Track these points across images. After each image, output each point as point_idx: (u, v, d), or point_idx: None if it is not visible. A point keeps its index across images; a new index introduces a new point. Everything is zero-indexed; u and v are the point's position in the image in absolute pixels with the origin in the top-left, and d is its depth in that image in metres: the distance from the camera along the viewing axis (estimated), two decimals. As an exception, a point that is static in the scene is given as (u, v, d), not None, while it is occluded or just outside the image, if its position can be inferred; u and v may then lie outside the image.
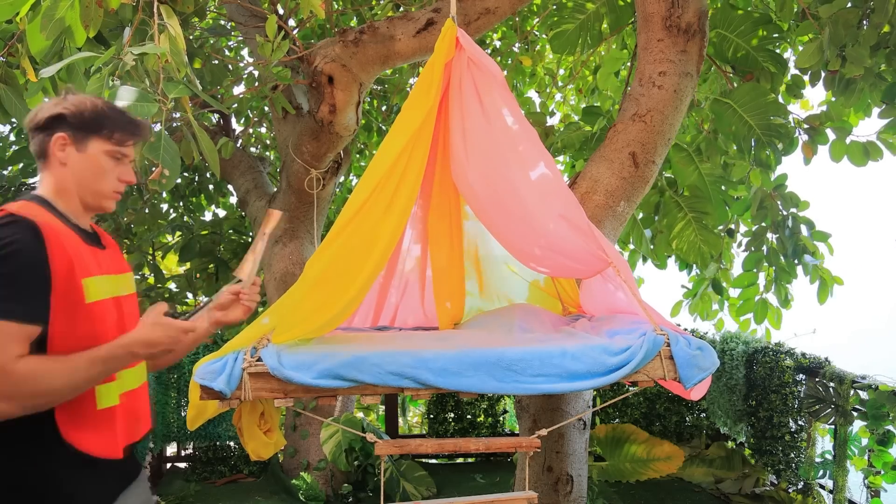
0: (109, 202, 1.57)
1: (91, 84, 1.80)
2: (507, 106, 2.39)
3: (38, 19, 1.80)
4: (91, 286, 1.44)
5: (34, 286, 1.35)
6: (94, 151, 1.51)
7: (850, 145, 3.94)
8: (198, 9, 3.52)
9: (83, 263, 1.44)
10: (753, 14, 3.73)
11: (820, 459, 4.15)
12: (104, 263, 1.53)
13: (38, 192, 1.52)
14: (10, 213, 1.38)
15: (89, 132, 1.50)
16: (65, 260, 1.39)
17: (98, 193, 1.54)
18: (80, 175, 1.51)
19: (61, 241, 1.40)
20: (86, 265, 1.45)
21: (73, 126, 1.49)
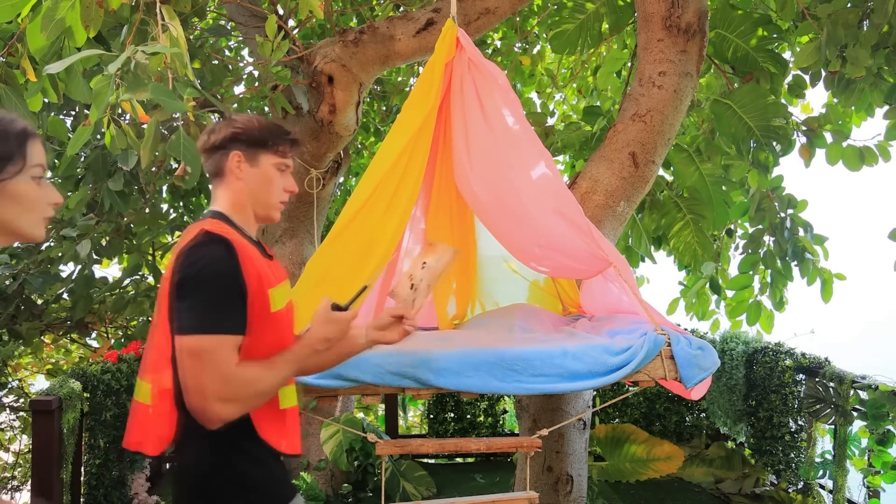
0: (276, 212, 1.66)
1: (95, 83, 1.80)
2: (508, 106, 2.39)
3: (38, 19, 1.80)
4: (275, 296, 1.54)
5: (235, 300, 1.46)
6: (264, 165, 1.61)
7: (847, 149, 3.96)
8: (198, 9, 3.52)
9: (266, 276, 1.54)
10: (753, 14, 3.73)
11: (820, 459, 4.15)
12: (275, 273, 1.61)
13: (215, 207, 1.61)
14: (208, 232, 1.48)
15: (259, 147, 1.60)
16: (254, 273, 1.49)
17: (268, 204, 1.64)
18: (254, 188, 1.61)
19: (249, 256, 1.50)
20: (268, 277, 1.55)
21: (246, 143, 1.59)
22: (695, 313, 4.99)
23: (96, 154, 4.15)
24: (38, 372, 6.48)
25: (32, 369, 6.50)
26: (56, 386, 3.23)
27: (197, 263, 1.43)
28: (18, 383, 6.18)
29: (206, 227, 1.50)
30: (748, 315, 4.65)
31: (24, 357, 6.28)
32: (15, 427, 5.78)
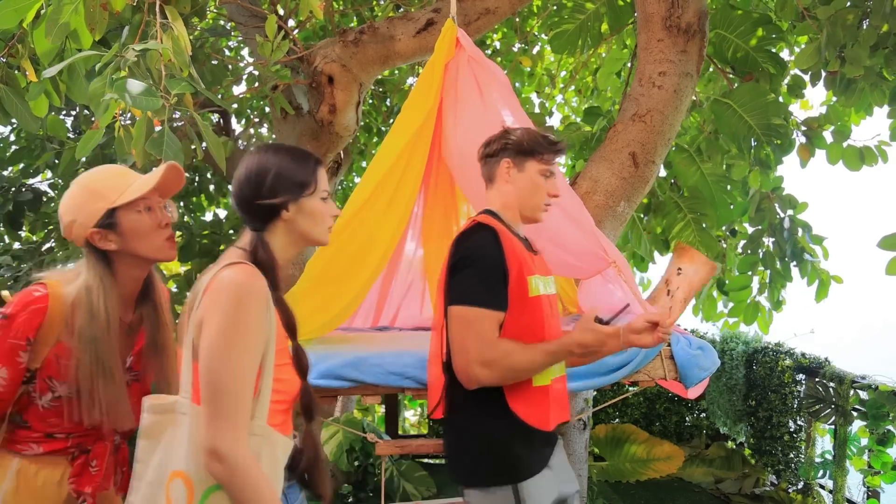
0: (540, 213, 1.84)
1: (94, 84, 1.80)
2: (508, 106, 2.39)
3: (42, 24, 1.80)
4: (533, 283, 1.72)
5: (498, 280, 1.67)
6: (530, 171, 1.80)
7: (847, 149, 3.96)
8: (198, 9, 3.52)
9: (527, 264, 1.73)
10: (753, 14, 3.74)
11: (820, 459, 4.15)
12: (537, 265, 1.81)
13: (487, 207, 1.85)
14: (479, 223, 1.74)
15: (526, 155, 1.80)
16: (515, 260, 1.70)
17: (532, 206, 1.82)
18: (521, 191, 1.81)
19: (512, 245, 1.72)
20: (528, 265, 1.74)
21: (515, 151, 1.81)
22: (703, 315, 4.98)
23: (96, 153, 4.15)
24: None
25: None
26: (56, 386, 3.23)
27: (469, 247, 1.69)
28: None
29: (478, 219, 1.76)
30: (746, 315, 4.65)
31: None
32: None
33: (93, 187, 1.45)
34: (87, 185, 1.46)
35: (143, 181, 1.46)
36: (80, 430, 1.44)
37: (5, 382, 1.36)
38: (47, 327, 1.38)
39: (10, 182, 4.78)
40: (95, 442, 1.46)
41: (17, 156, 4.82)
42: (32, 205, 4.72)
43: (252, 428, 1.26)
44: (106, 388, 1.38)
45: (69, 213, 1.45)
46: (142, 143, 1.77)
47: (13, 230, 4.71)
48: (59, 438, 1.43)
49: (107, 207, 1.42)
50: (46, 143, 4.76)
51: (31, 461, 1.41)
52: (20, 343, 1.37)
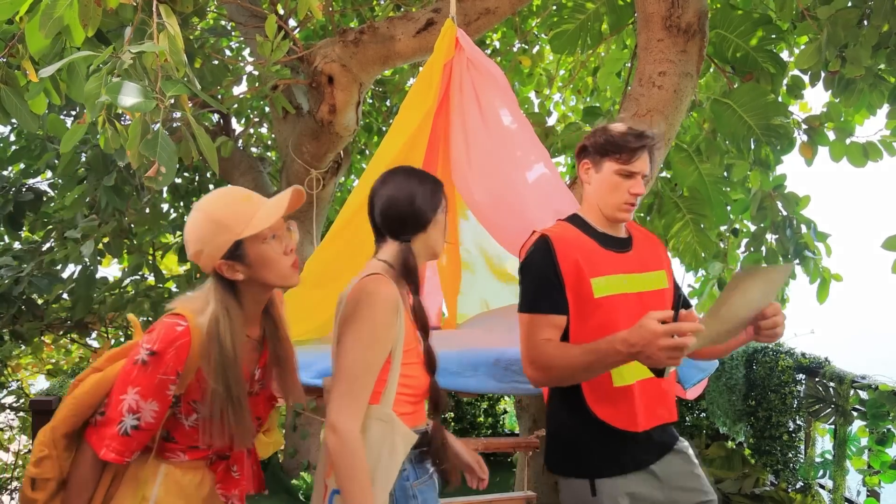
0: (621, 213, 1.82)
1: (90, 83, 1.79)
2: (507, 106, 2.39)
3: (36, 18, 1.80)
4: (599, 284, 1.74)
5: (549, 286, 1.74)
6: (607, 172, 1.80)
7: (850, 146, 3.94)
8: (198, 9, 3.52)
9: (592, 265, 1.75)
10: (753, 14, 3.73)
11: (820, 459, 4.14)
12: (625, 264, 1.81)
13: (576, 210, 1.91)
14: (535, 232, 1.83)
15: (603, 156, 1.81)
16: (571, 263, 1.74)
17: (611, 205, 1.81)
18: (599, 191, 1.82)
19: (569, 249, 1.76)
20: (595, 266, 1.75)
21: (592, 153, 1.83)
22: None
23: (96, 153, 4.15)
24: (39, 372, 6.49)
25: (33, 369, 6.50)
26: (56, 386, 3.23)
27: (524, 256, 1.81)
28: (18, 383, 6.18)
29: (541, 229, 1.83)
30: (747, 314, 4.64)
31: (25, 357, 6.28)
32: (14, 427, 5.78)
33: (218, 218, 1.44)
34: (212, 215, 1.45)
35: (269, 211, 1.45)
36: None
37: (155, 415, 1.43)
38: (191, 359, 1.44)
39: (10, 182, 4.78)
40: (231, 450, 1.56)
41: (17, 156, 4.82)
42: (32, 205, 4.73)
43: (377, 413, 1.49)
44: (234, 416, 1.45)
45: (196, 243, 1.45)
46: (136, 145, 1.77)
47: (13, 230, 4.71)
48: (201, 449, 1.54)
49: (234, 240, 1.43)
50: (47, 144, 4.76)
51: (176, 466, 1.52)
52: (170, 378, 1.43)
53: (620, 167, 1.79)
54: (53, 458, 1.46)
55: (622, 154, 1.78)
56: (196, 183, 5.89)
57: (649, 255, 1.89)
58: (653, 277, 1.85)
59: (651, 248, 1.92)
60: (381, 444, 1.48)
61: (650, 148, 1.81)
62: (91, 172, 4.14)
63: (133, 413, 1.41)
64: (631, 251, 1.86)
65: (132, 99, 1.70)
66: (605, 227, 1.85)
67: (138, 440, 1.44)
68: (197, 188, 5.91)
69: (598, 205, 1.83)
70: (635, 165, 1.79)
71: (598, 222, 1.86)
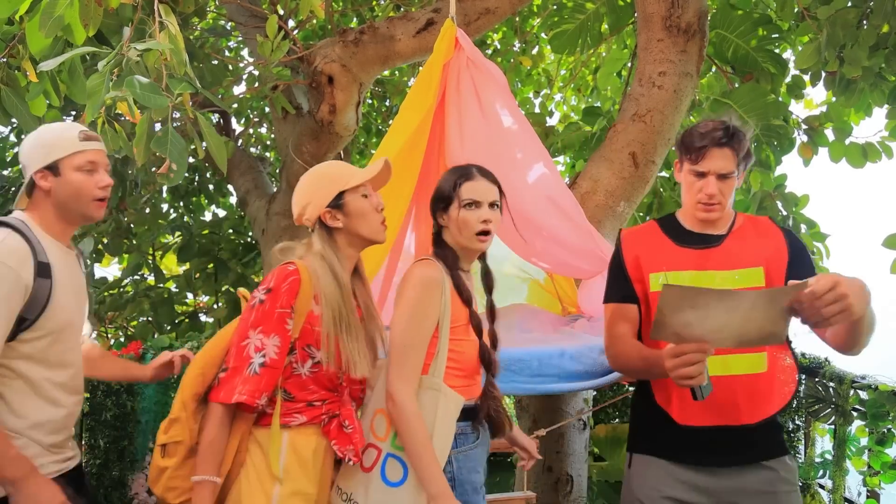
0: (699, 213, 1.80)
1: (92, 80, 1.79)
2: (506, 106, 2.39)
3: (37, 17, 1.80)
4: (656, 279, 1.77)
5: (619, 278, 1.85)
6: (685, 171, 1.81)
7: (849, 147, 3.95)
8: (198, 9, 3.52)
9: (654, 260, 1.80)
10: (753, 14, 3.73)
11: (819, 459, 4.14)
12: (702, 261, 1.79)
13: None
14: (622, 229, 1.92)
15: (682, 155, 1.81)
16: (632, 258, 1.83)
17: (688, 206, 1.82)
18: (683, 192, 1.84)
19: (634, 244, 1.85)
20: (657, 261, 1.80)
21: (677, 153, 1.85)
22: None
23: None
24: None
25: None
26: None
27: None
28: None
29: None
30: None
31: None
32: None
33: (325, 173, 1.69)
34: (321, 173, 1.69)
35: (368, 169, 1.69)
36: (332, 397, 1.65)
37: (278, 349, 1.54)
38: (301, 298, 1.57)
39: (10, 182, 4.77)
40: (341, 407, 1.66)
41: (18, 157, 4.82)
42: (32, 205, 4.72)
43: (429, 382, 1.63)
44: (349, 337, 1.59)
45: (305, 196, 1.67)
46: (143, 142, 1.78)
47: (13, 230, 4.70)
48: (316, 406, 1.63)
49: (338, 190, 1.64)
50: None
51: (296, 433, 1.60)
52: (286, 311, 1.55)
53: (690, 167, 1.78)
54: (183, 421, 1.56)
55: (690, 154, 1.77)
56: (196, 183, 5.89)
57: (744, 253, 1.79)
58: (740, 275, 1.77)
59: (753, 245, 1.81)
60: (433, 411, 1.61)
61: (723, 144, 1.73)
62: None
63: (259, 351, 1.51)
64: (716, 247, 1.79)
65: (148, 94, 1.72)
66: (695, 225, 1.83)
67: (266, 379, 1.52)
68: (197, 188, 5.91)
69: (686, 202, 1.83)
70: (703, 164, 1.74)
71: (689, 221, 1.85)
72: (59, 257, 1.66)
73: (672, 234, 1.84)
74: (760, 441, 1.76)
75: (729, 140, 1.73)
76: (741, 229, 1.84)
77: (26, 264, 1.55)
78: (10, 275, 1.52)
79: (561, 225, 2.31)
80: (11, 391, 1.59)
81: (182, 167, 1.80)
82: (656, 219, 1.94)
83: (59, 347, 1.65)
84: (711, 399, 1.63)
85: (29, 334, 1.58)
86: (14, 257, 1.53)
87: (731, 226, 1.84)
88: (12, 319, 1.53)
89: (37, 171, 1.64)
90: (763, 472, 1.75)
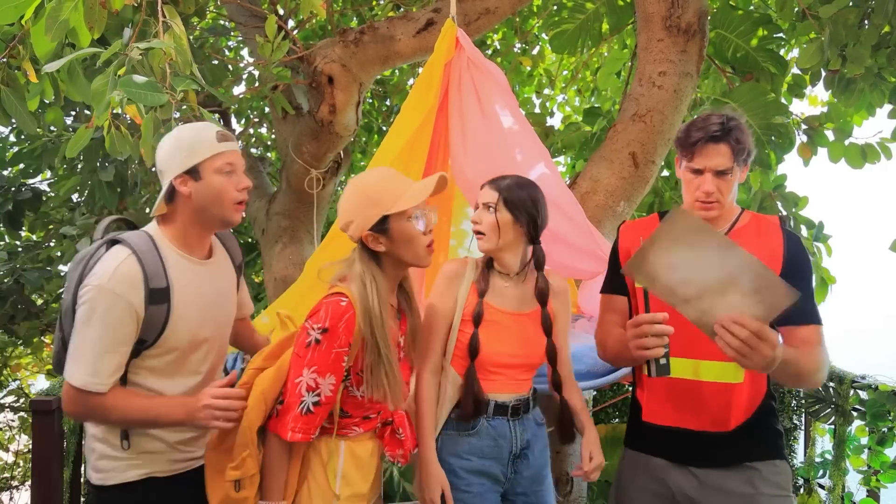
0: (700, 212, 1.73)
1: (96, 82, 1.79)
2: (507, 106, 2.39)
3: (42, 21, 1.80)
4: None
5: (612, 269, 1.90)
6: (683, 170, 1.76)
7: (849, 147, 3.95)
8: (198, 9, 3.52)
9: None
10: (753, 14, 3.73)
11: (819, 459, 4.14)
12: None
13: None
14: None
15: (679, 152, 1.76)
16: (626, 249, 1.83)
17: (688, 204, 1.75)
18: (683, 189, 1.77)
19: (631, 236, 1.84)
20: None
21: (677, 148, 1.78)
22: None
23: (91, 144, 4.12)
24: (39, 372, 6.48)
25: (32, 369, 6.49)
26: (56, 386, 3.23)
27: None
28: (18, 383, 6.18)
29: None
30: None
31: (25, 357, 6.27)
32: (14, 427, 5.77)
33: (370, 193, 1.62)
34: (366, 190, 1.63)
35: (416, 192, 1.62)
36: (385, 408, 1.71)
37: (333, 388, 1.57)
38: (356, 331, 1.59)
39: (10, 182, 4.77)
40: (394, 413, 1.74)
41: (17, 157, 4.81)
42: (32, 204, 4.72)
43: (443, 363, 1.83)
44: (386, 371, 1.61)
45: (347, 214, 1.63)
46: (150, 141, 1.77)
47: (13, 229, 4.70)
48: (372, 418, 1.70)
49: (381, 214, 1.59)
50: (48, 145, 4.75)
51: (353, 441, 1.67)
52: (343, 350, 1.57)
53: (686, 164, 1.71)
54: (253, 456, 1.59)
55: (685, 150, 1.70)
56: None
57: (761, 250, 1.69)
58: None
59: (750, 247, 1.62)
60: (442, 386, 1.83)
61: (718, 139, 1.64)
62: (84, 162, 4.08)
63: (312, 391, 1.54)
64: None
65: (145, 92, 1.70)
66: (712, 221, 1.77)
67: (320, 415, 1.57)
68: (197, 188, 5.89)
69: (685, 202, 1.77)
70: (698, 161, 1.67)
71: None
72: (186, 274, 1.64)
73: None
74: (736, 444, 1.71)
75: (725, 135, 1.64)
76: (743, 229, 1.77)
77: (137, 292, 1.53)
78: (119, 303, 1.51)
79: (561, 225, 2.31)
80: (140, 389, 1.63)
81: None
82: (659, 212, 1.94)
83: (185, 361, 1.66)
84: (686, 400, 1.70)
85: (152, 352, 1.60)
86: (124, 285, 1.52)
87: (732, 224, 1.77)
88: (127, 343, 1.54)
89: (176, 177, 1.59)
90: (746, 473, 1.72)
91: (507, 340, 1.83)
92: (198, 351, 1.68)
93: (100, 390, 1.51)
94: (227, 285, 1.78)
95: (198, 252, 1.69)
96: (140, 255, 1.55)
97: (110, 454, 1.62)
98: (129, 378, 1.59)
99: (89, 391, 1.51)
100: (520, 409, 1.87)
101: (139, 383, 1.61)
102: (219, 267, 1.76)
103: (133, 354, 1.58)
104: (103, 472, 1.62)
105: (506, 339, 1.83)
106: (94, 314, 1.50)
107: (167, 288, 1.58)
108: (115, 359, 1.53)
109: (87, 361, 1.50)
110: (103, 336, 1.50)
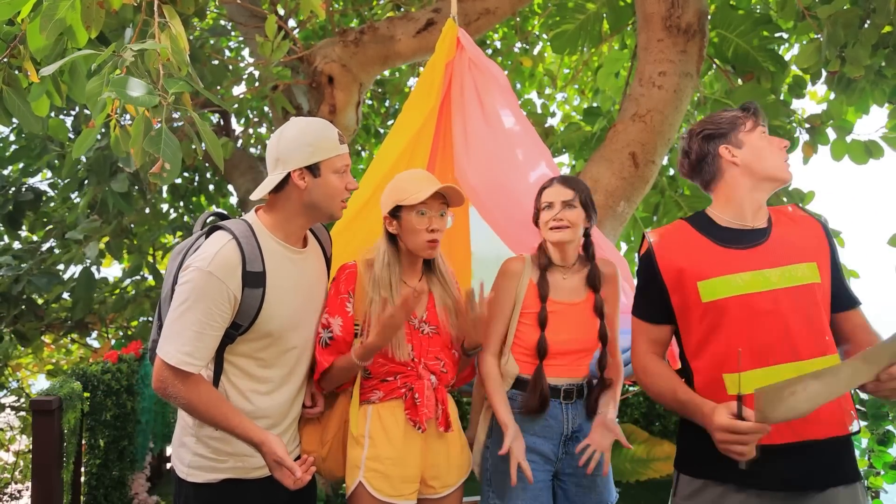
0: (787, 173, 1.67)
1: (91, 83, 1.79)
2: (508, 106, 2.39)
3: (37, 20, 1.79)
4: (707, 287, 1.58)
5: (649, 295, 1.71)
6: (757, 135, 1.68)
7: (852, 144, 3.94)
8: (198, 9, 3.52)
9: (700, 267, 1.60)
10: (753, 14, 3.73)
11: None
12: (751, 260, 1.59)
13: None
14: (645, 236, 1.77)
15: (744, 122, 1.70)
16: (672, 268, 1.64)
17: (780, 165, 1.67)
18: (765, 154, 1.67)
19: (671, 254, 1.66)
20: (702, 268, 1.60)
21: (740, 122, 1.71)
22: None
23: (98, 155, 4.14)
24: (39, 372, 6.48)
25: (33, 369, 6.49)
26: (56, 386, 3.23)
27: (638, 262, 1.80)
28: (18, 383, 6.18)
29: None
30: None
31: (25, 357, 6.27)
32: (15, 427, 5.78)
33: (396, 185, 1.89)
34: (395, 182, 1.91)
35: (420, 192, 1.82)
36: (405, 371, 1.85)
37: (341, 328, 1.80)
38: (360, 286, 1.85)
39: (10, 182, 4.77)
40: (416, 381, 1.85)
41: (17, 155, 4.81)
42: (32, 205, 4.72)
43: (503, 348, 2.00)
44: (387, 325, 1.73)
45: (382, 198, 1.91)
46: (140, 142, 1.76)
47: (13, 230, 4.71)
48: (390, 381, 1.85)
49: (395, 202, 1.85)
50: (48, 143, 4.76)
51: (377, 406, 1.86)
52: (345, 297, 1.84)
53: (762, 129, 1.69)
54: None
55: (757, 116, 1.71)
56: (196, 183, 5.89)
57: (792, 246, 1.61)
58: (793, 272, 1.57)
59: (799, 237, 1.64)
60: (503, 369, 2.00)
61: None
62: (92, 174, 4.13)
63: (326, 328, 1.82)
64: (764, 243, 1.61)
65: (136, 92, 1.70)
66: (734, 220, 1.65)
67: (332, 350, 1.81)
68: (197, 188, 5.91)
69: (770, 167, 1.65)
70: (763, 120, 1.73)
71: (728, 215, 1.66)
72: (281, 262, 1.70)
73: (710, 234, 1.64)
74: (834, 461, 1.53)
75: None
76: (780, 221, 1.67)
77: (235, 275, 1.60)
78: (218, 286, 1.57)
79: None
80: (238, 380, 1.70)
81: (175, 167, 1.78)
82: (684, 218, 1.75)
83: (277, 348, 1.73)
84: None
85: (246, 336, 1.67)
86: (224, 269, 1.58)
87: (768, 217, 1.67)
88: (222, 324, 1.60)
89: (296, 170, 1.67)
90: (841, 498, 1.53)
91: (564, 329, 1.96)
92: (291, 337, 1.74)
93: (192, 370, 1.56)
94: (318, 275, 1.86)
95: (294, 242, 1.75)
96: (240, 240, 1.62)
97: (201, 452, 1.69)
98: (226, 360, 1.66)
99: (182, 370, 1.55)
100: (573, 392, 1.97)
101: (239, 366, 1.68)
102: (312, 257, 1.84)
103: (229, 339, 1.64)
104: (190, 468, 1.70)
105: (563, 327, 1.96)
106: (193, 295, 1.56)
107: (262, 272, 1.65)
108: (209, 340, 1.58)
109: (183, 340, 1.55)
110: (200, 317, 1.56)
